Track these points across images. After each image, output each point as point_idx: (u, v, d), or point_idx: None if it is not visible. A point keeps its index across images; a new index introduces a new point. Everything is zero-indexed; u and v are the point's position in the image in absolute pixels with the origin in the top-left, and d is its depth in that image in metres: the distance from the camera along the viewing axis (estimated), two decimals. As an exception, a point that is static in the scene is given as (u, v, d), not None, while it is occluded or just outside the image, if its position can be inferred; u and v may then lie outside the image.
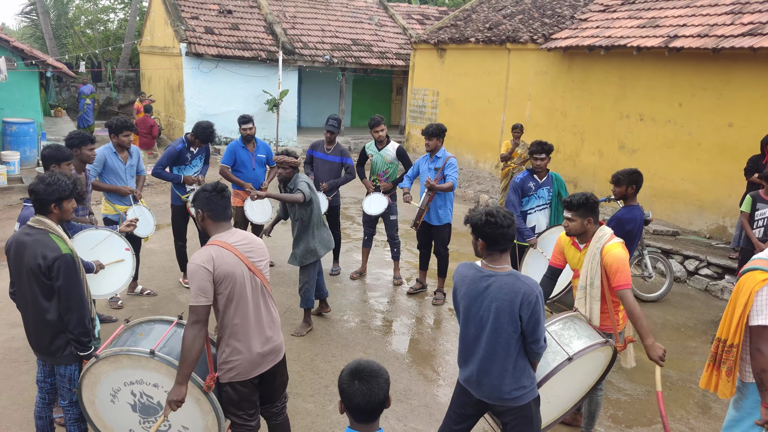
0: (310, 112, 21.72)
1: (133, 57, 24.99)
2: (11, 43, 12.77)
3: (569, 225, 4.03)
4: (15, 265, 3.55)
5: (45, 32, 24.94)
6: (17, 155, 12.12)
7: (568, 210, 4.01)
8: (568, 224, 4.03)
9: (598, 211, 4.00)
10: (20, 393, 4.80)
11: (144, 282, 7.11)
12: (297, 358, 5.57)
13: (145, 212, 6.28)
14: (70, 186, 3.60)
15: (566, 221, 4.05)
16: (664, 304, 7.35)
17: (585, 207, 3.94)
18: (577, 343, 3.61)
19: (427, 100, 16.00)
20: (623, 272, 3.84)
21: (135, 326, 3.69)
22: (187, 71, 16.84)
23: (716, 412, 5.07)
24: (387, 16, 22.56)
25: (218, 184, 3.49)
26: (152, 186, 12.02)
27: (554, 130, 11.74)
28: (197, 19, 18.07)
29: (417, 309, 6.95)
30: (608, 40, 10.24)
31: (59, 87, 23.13)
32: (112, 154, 6.17)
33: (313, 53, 18.51)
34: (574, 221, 3.99)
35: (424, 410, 4.90)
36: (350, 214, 10.99)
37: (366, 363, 2.41)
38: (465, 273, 3.33)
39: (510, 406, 3.28)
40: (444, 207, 6.77)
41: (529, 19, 13.57)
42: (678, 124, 9.52)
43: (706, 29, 8.99)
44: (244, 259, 3.38)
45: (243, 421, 3.52)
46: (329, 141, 7.38)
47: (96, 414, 3.57)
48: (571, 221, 4.00)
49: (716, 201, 8.97)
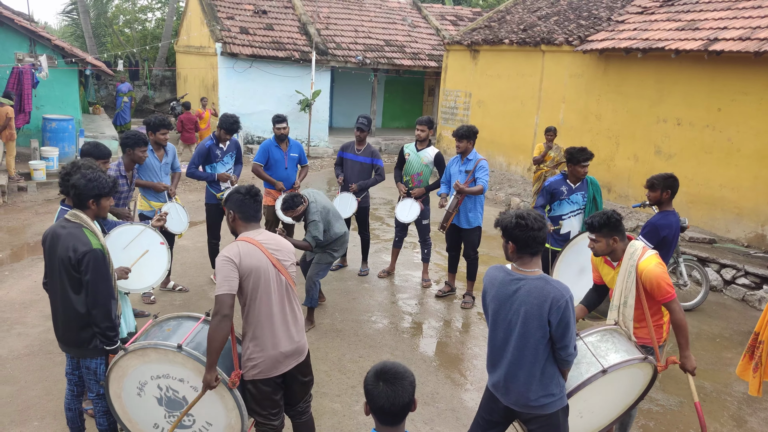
0: (342, 113, 21.79)
1: (169, 56, 25.39)
2: (53, 42, 13.10)
3: (595, 246, 3.90)
4: (49, 257, 3.64)
5: (85, 31, 25.48)
6: (56, 151, 12.39)
7: (591, 231, 3.89)
8: (594, 245, 3.90)
9: (623, 228, 3.86)
10: (54, 384, 4.90)
11: (176, 278, 7.21)
12: (324, 357, 5.58)
13: (178, 209, 6.37)
14: (110, 184, 3.70)
15: (591, 242, 3.91)
16: (700, 314, 7.18)
17: (608, 227, 3.81)
18: (614, 357, 3.50)
19: (459, 102, 15.92)
20: (665, 286, 3.72)
21: (163, 322, 3.74)
22: (222, 71, 17.05)
23: (752, 425, 4.93)
24: (420, 17, 22.52)
25: (252, 187, 3.54)
26: (186, 183, 12.19)
27: (588, 134, 11.57)
28: (233, 19, 18.28)
29: (445, 312, 6.91)
30: (646, 42, 10.05)
31: (98, 85, 23.61)
32: (149, 151, 6.27)
33: (346, 54, 18.58)
34: (599, 242, 3.86)
35: (451, 414, 4.87)
36: (379, 215, 10.99)
37: (392, 365, 2.40)
38: (495, 276, 3.29)
39: (537, 413, 3.22)
40: (474, 210, 6.72)
41: (565, 20, 13.40)
42: (717, 129, 9.29)
43: (748, 32, 8.76)
44: (270, 256, 3.41)
45: (266, 420, 3.54)
46: (359, 141, 7.40)
47: (122, 407, 3.62)
48: (597, 242, 3.87)
49: (755, 208, 8.73)
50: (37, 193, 11.15)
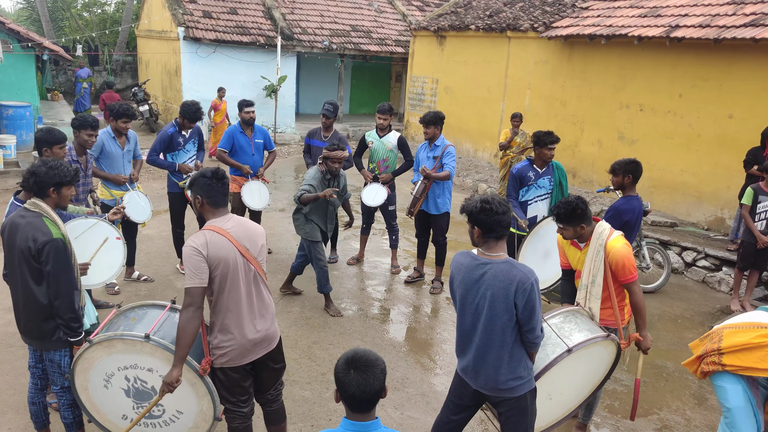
0: (309, 99, 21.60)
1: (130, 41, 24.79)
2: (7, 25, 12.64)
3: (563, 233, 4.03)
4: (8, 247, 3.54)
5: (41, 15, 24.71)
6: (14, 139, 12.02)
7: (557, 222, 3.99)
8: (562, 232, 4.03)
9: (589, 214, 3.94)
10: (17, 377, 4.79)
11: (141, 268, 7.09)
12: (294, 345, 5.57)
13: (141, 198, 6.24)
14: (72, 173, 3.61)
15: (559, 229, 4.04)
16: (662, 296, 7.36)
17: (573, 217, 3.90)
18: (578, 336, 3.58)
19: (426, 88, 15.91)
20: (629, 266, 3.85)
21: (127, 311, 3.68)
22: (185, 56, 16.70)
23: (712, 403, 5.08)
24: (387, 2, 22.38)
25: (218, 169, 3.46)
26: (149, 171, 11.96)
27: (554, 120, 11.69)
28: (195, 2, 17.90)
29: (414, 298, 6.94)
30: (609, 29, 10.17)
31: (56, 71, 22.95)
32: (111, 138, 6.13)
33: (312, 39, 18.38)
34: (567, 230, 3.98)
35: (421, 399, 4.90)
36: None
37: (362, 352, 2.40)
38: (461, 261, 3.31)
39: (505, 396, 3.27)
40: (442, 196, 6.76)
41: (530, 6, 13.47)
42: (678, 115, 9.48)
43: (708, 19, 8.93)
44: (238, 245, 3.36)
45: (235, 407, 3.52)
46: (326, 127, 7.34)
47: (89, 400, 3.55)
48: (564, 230, 4.00)
49: (715, 192, 8.96)
50: (-7, 182, 10.81)
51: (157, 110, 18.43)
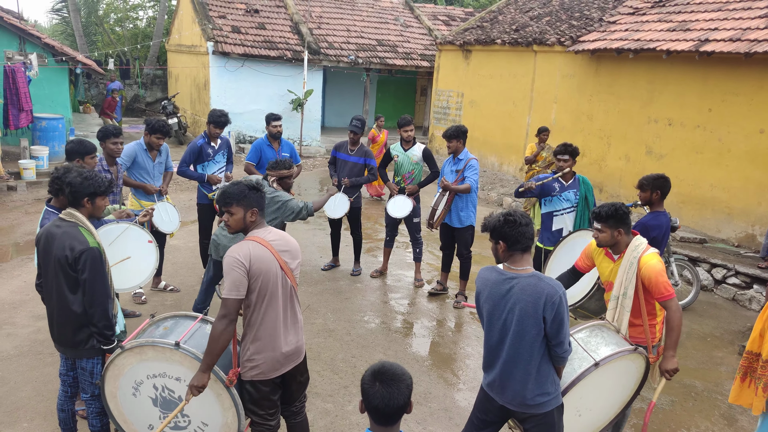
0: (334, 112, 21.76)
1: (160, 55, 25.28)
2: (43, 40, 12.99)
3: (599, 236, 3.92)
4: (44, 257, 3.61)
5: (75, 29, 25.32)
6: (46, 150, 12.30)
7: (597, 221, 3.90)
8: (598, 235, 3.92)
9: (629, 221, 3.89)
10: (45, 384, 4.86)
11: (167, 278, 7.17)
12: (317, 357, 5.57)
13: (169, 209, 6.34)
14: (106, 183, 3.68)
15: (596, 232, 3.94)
16: (690, 313, 7.22)
17: (614, 218, 3.83)
18: (605, 350, 3.52)
19: (451, 102, 15.93)
20: (663, 283, 3.73)
21: (160, 321, 3.72)
22: (214, 70, 16.98)
23: (742, 424, 4.96)
24: (413, 17, 22.52)
25: (258, 181, 3.50)
26: (177, 182, 12.13)
27: (580, 134, 11.61)
28: (224, 18, 18.22)
29: (438, 311, 6.91)
30: (637, 43, 10.10)
31: (88, 84, 23.47)
32: (143, 150, 6.25)
33: (338, 53, 18.55)
34: (604, 232, 3.88)
35: (444, 414, 4.87)
36: (371, 213, 10.98)
37: (389, 366, 2.39)
38: (487, 277, 3.30)
39: (533, 412, 3.23)
40: (466, 209, 6.74)
41: (557, 21, 13.43)
42: (707, 129, 9.35)
43: (739, 33, 8.82)
44: (279, 258, 3.37)
45: (263, 420, 3.52)
46: (353, 142, 7.39)
47: (117, 407, 3.59)
48: (601, 232, 3.89)
49: (745, 209, 8.79)
50: (26, 193, 11.06)
51: (186, 123, 18.71)
